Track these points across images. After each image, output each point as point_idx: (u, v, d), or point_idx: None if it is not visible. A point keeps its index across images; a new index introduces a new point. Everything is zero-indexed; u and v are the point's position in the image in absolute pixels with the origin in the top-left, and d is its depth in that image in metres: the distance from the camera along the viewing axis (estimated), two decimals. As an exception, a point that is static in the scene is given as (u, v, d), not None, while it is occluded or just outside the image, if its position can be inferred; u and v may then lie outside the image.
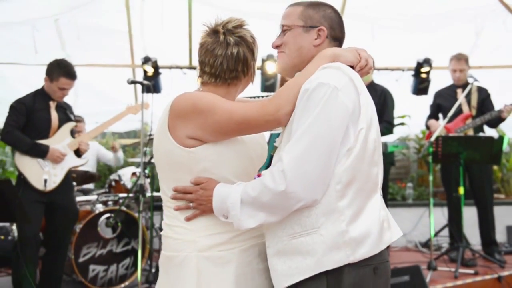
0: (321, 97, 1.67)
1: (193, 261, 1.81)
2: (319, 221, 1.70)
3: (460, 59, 5.51)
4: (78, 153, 4.45)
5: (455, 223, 5.42)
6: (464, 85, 5.43)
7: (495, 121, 5.41)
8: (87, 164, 4.88)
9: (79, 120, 5.39)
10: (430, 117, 5.75)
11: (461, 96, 5.29)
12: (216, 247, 1.82)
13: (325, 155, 1.66)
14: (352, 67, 1.84)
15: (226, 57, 1.89)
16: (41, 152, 4.19)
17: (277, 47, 1.94)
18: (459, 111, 5.43)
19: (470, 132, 5.38)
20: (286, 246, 1.75)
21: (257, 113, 1.78)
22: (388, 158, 5.60)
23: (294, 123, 1.72)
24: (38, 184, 4.16)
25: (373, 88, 5.40)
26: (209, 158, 1.83)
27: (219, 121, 1.79)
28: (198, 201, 1.82)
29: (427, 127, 5.78)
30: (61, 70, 4.22)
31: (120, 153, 6.15)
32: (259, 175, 1.79)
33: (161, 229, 5.54)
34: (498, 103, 5.48)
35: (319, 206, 1.70)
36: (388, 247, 1.84)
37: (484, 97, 5.51)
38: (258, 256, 1.88)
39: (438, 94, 5.76)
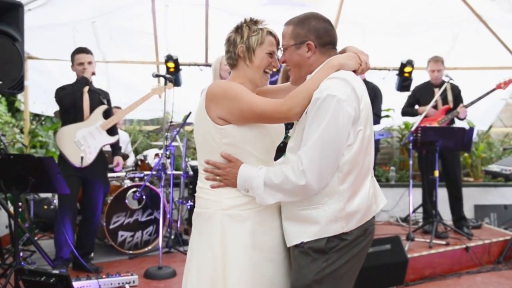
0: (330, 108, 1.76)
1: (218, 217, 1.92)
2: (324, 200, 1.86)
3: (438, 60, 5.51)
4: (112, 132, 4.42)
5: (430, 202, 5.42)
6: (440, 84, 5.42)
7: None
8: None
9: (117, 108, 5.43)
10: (407, 106, 5.74)
11: (437, 94, 5.28)
12: (237, 207, 1.92)
13: (334, 156, 1.80)
14: (354, 70, 1.94)
15: (226, 43, 2.05)
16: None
17: (284, 62, 2.01)
18: (435, 107, 5.42)
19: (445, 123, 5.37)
20: (296, 215, 1.91)
21: (273, 110, 1.86)
22: (375, 145, 5.57)
23: (306, 126, 1.82)
24: (75, 161, 4.17)
25: (365, 85, 5.34)
26: (236, 134, 1.91)
27: (243, 109, 1.86)
28: (225, 176, 1.93)
29: (404, 113, 5.79)
30: (74, 52, 4.27)
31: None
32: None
33: (180, 203, 5.55)
34: (470, 100, 5.42)
35: (325, 188, 1.85)
36: (374, 221, 2.00)
37: (456, 93, 5.49)
38: (271, 216, 1.98)
39: (417, 89, 5.75)
